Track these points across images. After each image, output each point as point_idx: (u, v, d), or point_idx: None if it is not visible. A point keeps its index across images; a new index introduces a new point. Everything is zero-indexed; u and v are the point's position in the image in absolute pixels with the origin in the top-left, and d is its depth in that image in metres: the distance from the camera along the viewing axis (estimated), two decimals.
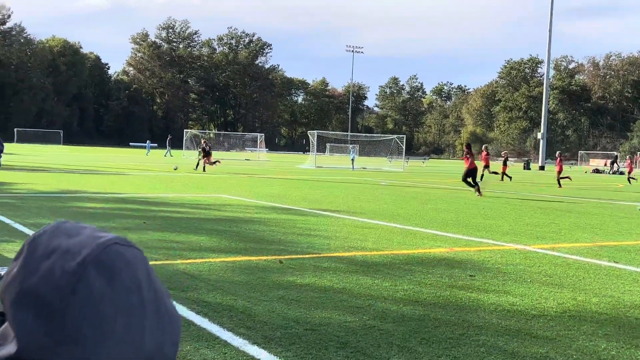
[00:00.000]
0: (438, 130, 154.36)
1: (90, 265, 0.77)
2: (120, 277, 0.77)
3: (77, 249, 0.79)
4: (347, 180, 28.20)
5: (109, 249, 0.78)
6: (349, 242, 9.64)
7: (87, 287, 0.76)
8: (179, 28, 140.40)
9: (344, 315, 5.59)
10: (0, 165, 8.66)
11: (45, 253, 0.80)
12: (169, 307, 0.84)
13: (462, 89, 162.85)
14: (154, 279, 0.83)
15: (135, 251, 0.82)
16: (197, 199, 15.55)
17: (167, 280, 6.52)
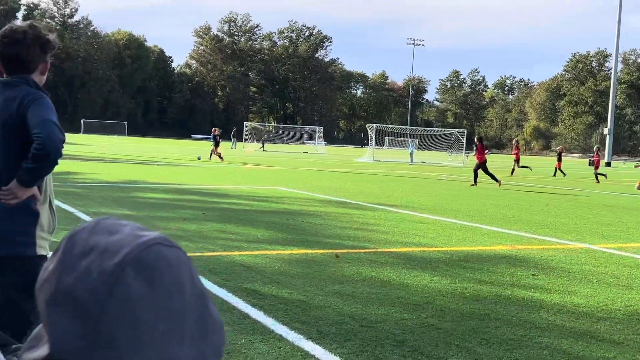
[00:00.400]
0: (500, 124, 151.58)
1: (129, 266, 0.71)
2: (161, 279, 0.71)
3: (116, 248, 0.73)
4: (406, 175, 27.94)
5: (150, 249, 0.72)
6: (407, 237, 9.50)
7: (125, 289, 0.70)
8: (240, 21, 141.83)
9: (401, 312, 5.48)
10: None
11: (83, 251, 0.74)
12: (213, 313, 0.77)
13: (526, 83, 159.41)
14: (198, 282, 0.76)
15: (179, 252, 0.75)
16: (255, 191, 15.64)
17: (223, 271, 6.53)
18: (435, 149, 65.90)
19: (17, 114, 3.19)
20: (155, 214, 10.54)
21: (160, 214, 10.49)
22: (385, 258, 7.75)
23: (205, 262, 6.93)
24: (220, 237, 8.56)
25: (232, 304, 5.39)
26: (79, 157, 27.87)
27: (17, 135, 3.22)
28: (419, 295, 6.07)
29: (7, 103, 3.22)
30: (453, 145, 57.40)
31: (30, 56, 3.28)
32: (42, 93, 3.28)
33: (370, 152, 47.98)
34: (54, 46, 3.38)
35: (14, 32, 3.23)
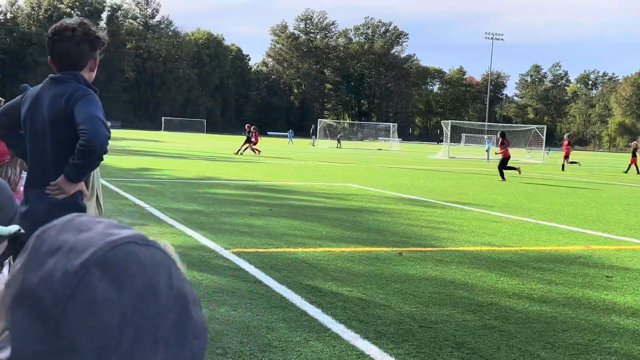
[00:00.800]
0: (583, 120, 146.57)
1: (95, 266, 0.66)
2: (131, 280, 0.66)
3: (83, 247, 0.68)
4: (481, 172, 27.35)
5: (119, 248, 0.67)
6: (476, 236, 9.26)
7: (88, 290, 0.65)
8: (316, 19, 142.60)
9: (464, 313, 5.32)
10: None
11: (50, 249, 0.70)
12: (195, 317, 0.70)
13: (610, 77, 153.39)
14: (179, 284, 0.70)
15: (155, 251, 0.70)
16: (325, 188, 15.64)
17: (285, 268, 6.53)
18: (514, 146, 64.28)
19: (65, 110, 3.23)
20: (223, 209, 10.67)
21: (228, 210, 10.62)
22: (452, 257, 7.57)
23: (268, 258, 6.94)
24: (285, 234, 8.58)
25: (290, 301, 5.37)
26: (157, 154, 28.67)
27: (65, 131, 3.27)
28: (484, 296, 5.88)
29: (55, 99, 3.28)
30: (532, 141, 55.86)
31: (80, 53, 3.32)
32: (90, 90, 3.32)
33: (445, 148, 47.27)
34: (104, 43, 3.42)
35: (64, 29, 3.28)
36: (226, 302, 5.21)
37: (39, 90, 3.41)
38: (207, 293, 5.46)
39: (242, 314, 4.93)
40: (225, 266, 6.51)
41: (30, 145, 3.43)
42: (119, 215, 9.50)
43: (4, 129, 3.61)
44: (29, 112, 3.39)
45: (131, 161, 22.57)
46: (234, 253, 7.13)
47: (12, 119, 3.53)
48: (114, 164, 20.35)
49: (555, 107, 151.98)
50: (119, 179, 15.06)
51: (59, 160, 3.28)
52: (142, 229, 8.32)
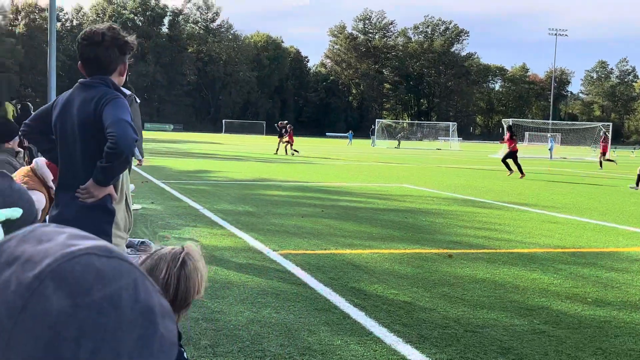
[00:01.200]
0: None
1: (49, 278, 0.63)
2: (88, 293, 0.64)
3: (39, 258, 0.66)
4: (543, 171, 26.70)
5: (76, 260, 0.65)
6: (531, 237, 9.02)
7: (41, 303, 0.62)
8: (375, 19, 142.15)
9: (512, 317, 5.17)
10: (141, 160, 9.01)
11: (7, 260, 0.68)
12: (163, 331, 0.68)
13: None
14: (146, 297, 0.68)
15: (119, 263, 0.67)
16: (379, 189, 15.53)
17: (332, 270, 6.49)
18: (579, 144, 62.61)
19: (94, 114, 3.28)
20: (274, 210, 10.71)
21: (280, 211, 10.65)
22: (504, 259, 7.39)
23: (315, 260, 6.92)
24: (334, 235, 8.54)
25: (334, 304, 5.33)
26: (216, 156, 29.08)
27: (94, 135, 3.31)
28: (535, 300, 5.71)
29: (85, 103, 3.33)
30: (598, 139, 54.24)
31: (109, 57, 3.37)
32: (119, 94, 3.36)
33: (506, 147, 46.31)
34: (133, 47, 3.45)
35: (93, 34, 3.33)
36: (269, 305, 5.21)
37: (69, 95, 3.48)
38: (251, 295, 5.47)
39: (284, 317, 4.92)
40: (272, 268, 6.52)
41: (60, 149, 3.50)
42: (173, 217, 9.65)
43: (36, 134, 3.70)
44: (60, 117, 3.46)
45: (190, 164, 22.95)
46: (281, 255, 7.14)
47: (44, 124, 3.61)
48: (172, 167, 20.75)
49: (623, 103, 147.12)
50: (176, 182, 15.32)
51: (88, 164, 3.33)
52: (193, 230, 8.44)
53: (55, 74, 26.64)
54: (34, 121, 3.68)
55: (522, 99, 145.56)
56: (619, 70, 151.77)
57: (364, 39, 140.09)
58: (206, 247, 7.43)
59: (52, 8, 27.26)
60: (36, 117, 3.69)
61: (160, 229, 8.56)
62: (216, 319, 4.78)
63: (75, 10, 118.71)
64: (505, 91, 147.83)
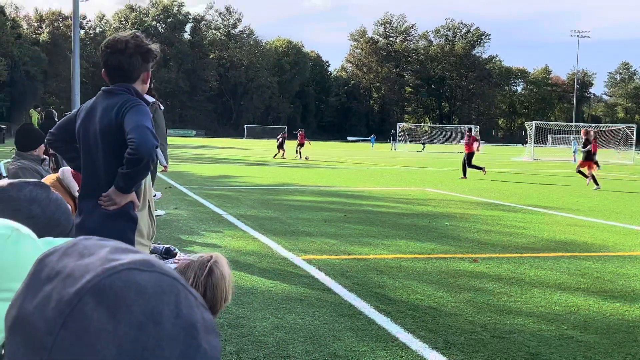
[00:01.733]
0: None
1: (89, 294, 0.63)
2: (129, 309, 0.63)
3: (80, 274, 0.66)
4: (567, 174, 26.42)
5: (117, 275, 0.65)
6: (557, 241, 8.92)
7: (81, 320, 0.62)
8: (395, 23, 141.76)
9: (540, 323, 5.11)
10: (166, 166, 8.94)
11: (49, 275, 0.68)
12: (206, 347, 0.67)
13: None
14: (188, 312, 0.67)
15: (162, 277, 0.67)
16: (402, 193, 15.47)
17: (355, 275, 6.47)
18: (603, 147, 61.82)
19: (116, 121, 3.29)
20: (298, 215, 10.71)
21: (303, 216, 10.65)
22: (530, 264, 7.31)
23: (339, 265, 6.90)
24: (357, 240, 8.51)
25: (359, 309, 5.30)
26: (237, 161, 29.18)
27: (116, 142, 3.32)
28: (562, 305, 5.64)
29: (106, 111, 3.34)
30: (622, 141, 53.60)
31: (132, 65, 3.38)
32: (141, 100, 3.36)
33: (529, 150, 45.96)
34: (156, 55, 3.46)
35: (116, 42, 3.35)
36: (294, 310, 5.20)
37: (92, 103, 3.50)
38: (275, 301, 5.47)
39: (309, 322, 4.90)
40: (296, 273, 6.52)
41: (83, 157, 3.51)
42: (196, 222, 9.69)
43: (61, 143, 3.72)
44: (83, 125, 3.48)
45: (213, 169, 23.06)
46: (305, 260, 7.13)
47: (69, 133, 3.63)
48: (195, 172, 20.85)
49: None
50: (199, 187, 15.39)
51: (110, 171, 3.33)
52: (217, 236, 8.46)
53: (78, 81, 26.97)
54: (59, 130, 3.70)
55: (544, 101, 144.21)
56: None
57: (385, 43, 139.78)
58: (230, 252, 7.45)
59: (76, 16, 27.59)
60: (61, 126, 3.71)
61: (185, 235, 8.59)
62: (241, 325, 4.79)
63: (98, 18, 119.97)
64: (528, 93, 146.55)
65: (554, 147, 71.42)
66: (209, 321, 0.69)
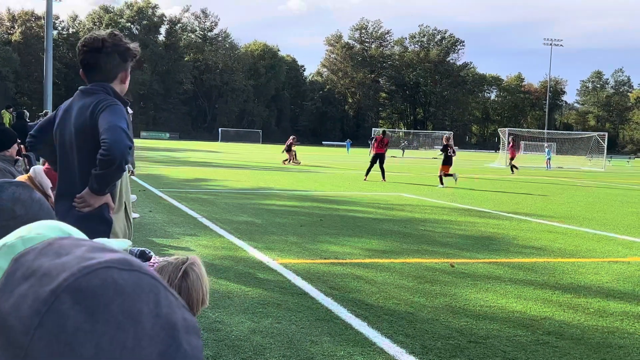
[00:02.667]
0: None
1: (65, 293, 0.61)
2: (107, 308, 0.61)
3: (56, 272, 0.63)
4: (540, 180, 26.72)
5: (94, 274, 0.62)
6: (531, 247, 8.99)
7: (57, 319, 0.60)
8: (371, 28, 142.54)
9: (515, 328, 5.13)
10: (132, 170, 8.84)
11: (24, 275, 0.66)
12: (186, 347, 0.64)
13: None
14: (168, 312, 0.65)
15: (140, 276, 0.65)
16: (377, 198, 15.49)
17: (332, 280, 6.45)
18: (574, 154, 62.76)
19: (91, 121, 3.22)
20: (274, 220, 10.66)
21: (279, 220, 10.61)
22: (504, 269, 7.36)
23: (315, 270, 6.88)
24: (334, 245, 8.50)
25: (335, 314, 5.28)
26: (212, 164, 29.03)
27: (91, 143, 3.25)
28: (537, 310, 5.68)
29: (82, 110, 3.27)
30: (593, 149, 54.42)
31: (110, 64, 3.32)
32: (117, 100, 3.30)
33: (502, 157, 46.42)
34: (135, 55, 3.41)
35: (94, 40, 3.29)
36: (270, 315, 5.16)
37: (69, 103, 3.44)
38: (251, 305, 5.42)
39: (286, 327, 4.87)
40: (272, 277, 6.48)
41: (59, 158, 3.44)
42: (171, 225, 9.60)
43: (41, 145, 3.64)
44: (59, 125, 3.41)
45: (187, 172, 22.90)
46: (281, 264, 7.09)
47: (49, 135, 3.56)
48: (170, 175, 20.69)
49: (618, 113, 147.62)
50: (174, 190, 15.27)
51: (85, 172, 3.26)
52: (192, 239, 8.39)
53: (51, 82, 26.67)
54: (39, 132, 3.63)
55: (517, 108, 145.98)
56: (615, 80, 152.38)
57: (360, 48, 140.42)
58: (205, 255, 7.39)
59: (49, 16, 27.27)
60: (40, 128, 3.64)
61: (159, 238, 8.50)
62: (217, 329, 4.74)
63: (72, 19, 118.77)
64: (501, 100, 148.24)
65: (527, 154, 72.27)
66: (190, 322, 0.67)
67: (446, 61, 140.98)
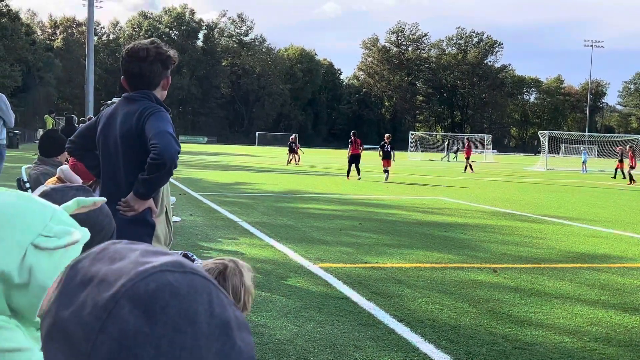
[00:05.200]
0: None
1: (124, 298, 0.63)
2: (164, 312, 0.63)
3: (113, 278, 0.66)
4: (581, 184, 26.27)
5: (151, 278, 0.65)
6: (575, 252, 8.84)
7: (118, 324, 0.62)
8: (408, 31, 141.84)
9: (561, 334, 5.05)
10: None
11: (82, 281, 0.68)
12: (240, 344, 0.67)
13: None
14: (221, 311, 0.67)
15: (193, 278, 0.67)
16: (416, 201, 15.41)
17: (373, 284, 6.43)
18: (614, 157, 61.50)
19: (137, 127, 3.28)
20: (312, 223, 10.68)
21: (318, 224, 10.62)
22: (548, 275, 7.25)
23: (356, 274, 6.87)
24: (374, 249, 8.47)
25: (378, 319, 5.26)
26: (250, 168, 29.22)
27: (137, 149, 3.31)
28: (583, 317, 5.58)
29: (127, 117, 3.34)
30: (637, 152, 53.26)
31: (153, 73, 3.38)
32: (161, 107, 3.36)
33: (542, 160, 45.77)
34: (175, 62, 3.46)
35: (138, 50, 3.34)
36: (313, 319, 5.17)
37: (112, 110, 3.50)
38: (294, 309, 5.44)
39: (329, 331, 4.87)
40: (313, 281, 6.49)
41: (103, 163, 3.50)
42: (212, 229, 9.69)
43: (81, 151, 3.71)
44: (103, 131, 3.48)
45: (226, 176, 23.09)
46: (322, 268, 7.10)
47: (88, 140, 3.63)
48: (209, 179, 20.89)
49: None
50: (213, 193, 15.41)
51: (130, 177, 3.32)
52: (233, 243, 8.45)
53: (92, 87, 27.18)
54: (78, 138, 3.70)
55: (557, 110, 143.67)
56: None
57: (397, 51, 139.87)
58: (246, 259, 7.42)
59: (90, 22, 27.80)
60: (80, 133, 3.71)
61: (201, 241, 8.59)
62: (261, 333, 4.76)
63: (112, 25, 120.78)
64: (540, 103, 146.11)
65: (567, 157, 71.17)
66: (241, 318, 0.69)
67: (484, 63, 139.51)
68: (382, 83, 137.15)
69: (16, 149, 39.92)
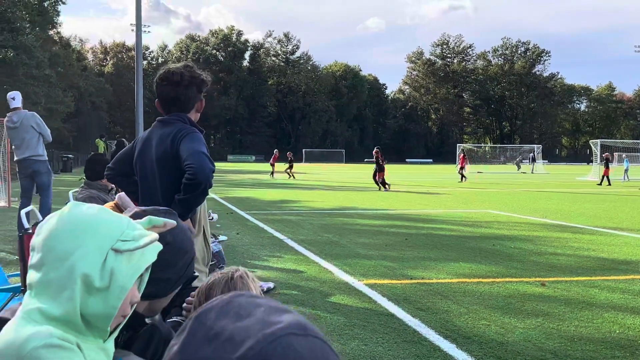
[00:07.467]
0: None
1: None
2: None
3: (240, 338, 0.68)
4: (635, 193, 25.54)
5: (278, 342, 0.67)
6: (628, 263, 8.59)
7: None
8: (453, 43, 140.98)
9: (613, 349, 4.90)
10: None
11: (207, 336, 0.70)
12: None
13: None
14: None
15: (314, 342, 0.70)
16: (464, 215, 15.22)
17: (419, 300, 6.36)
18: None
19: (171, 148, 3.34)
20: (358, 240, 10.65)
21: (363, 240, 10.58)
22: (599, 287, 7.05)
23: (402, 290, 6.81)
24: (419, 264, 8.39)
25: (423, 335, 5.20)
26: (297, 186, 29.33)
27: (173, 170, 3.36)
28: (637, 330, 5.40)
29: (162, 139, 3.39)
30: None
31: (187, 96, 3.44)
32: (195, 129, 3.41)
33: (595, 169, 44.67)
34: (208, 84, 3.52)
35: (172, 74, 3.40)
36: (357, 336, 5.14)
37: (148, 133, 3.56)
38: (338, 327, 5.41)
39: (372, 349, 4.83)
40: (357, 298, 6.45)
41: (141, 186, 3.56)
42: (258, 247, 9.75)
43: (120, 177, 3.78)
44: (140, 155, 3.54)
45: (272, 194, 23.23)
46: (366, 284, 7.06)
47: (127, 166, 3.69)
48: (256, 197, 21.04)
49: None
50: (259, 212, 15.51)
51: (167, 199, 3.36)
52: (278, 261, 8.47)
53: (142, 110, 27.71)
54: (117, 164, 3.76)
55: (609, 118, 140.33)
56: None
57: (442, 64, 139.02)
58: (291, 276, 7.45)
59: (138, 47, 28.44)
60: (119, 159, 3.77)
61: (247, 259, 8.64)
62: None
63: (161, 49, 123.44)
64: (592, 111, 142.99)
65: (621, 166, 69.33)
66: None
67: (532, 73, 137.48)
68: (428, 96, 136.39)
69: (70, 172, 40.98)
